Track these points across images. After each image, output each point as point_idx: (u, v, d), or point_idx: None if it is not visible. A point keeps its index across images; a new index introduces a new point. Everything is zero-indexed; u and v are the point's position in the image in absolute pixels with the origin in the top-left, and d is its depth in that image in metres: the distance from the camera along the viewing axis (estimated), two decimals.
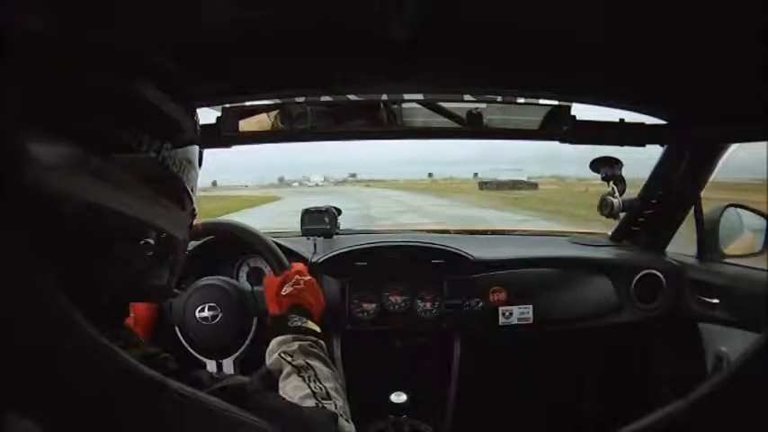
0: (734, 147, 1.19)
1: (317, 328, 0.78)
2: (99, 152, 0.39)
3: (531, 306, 1.31)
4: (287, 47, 0.81)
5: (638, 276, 1.34)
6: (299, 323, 0.76)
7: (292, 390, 0.62)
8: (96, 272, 0.41)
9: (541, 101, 1.11)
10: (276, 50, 0.83)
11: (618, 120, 1.14)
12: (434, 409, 1.26)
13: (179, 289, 1.07)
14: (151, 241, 0.44)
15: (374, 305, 1.31)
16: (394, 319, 1.31)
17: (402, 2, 0.64)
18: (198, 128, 0.51)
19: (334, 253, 1.34)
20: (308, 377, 0.63)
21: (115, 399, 0.32)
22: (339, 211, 1.47)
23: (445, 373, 1.29)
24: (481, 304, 1.30)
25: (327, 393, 0.60)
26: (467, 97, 1.11)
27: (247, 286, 1.07)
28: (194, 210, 0.51)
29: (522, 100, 1.13)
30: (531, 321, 1.31)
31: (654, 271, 1.33)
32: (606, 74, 0.92)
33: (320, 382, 0.62)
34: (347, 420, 0.58)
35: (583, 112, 1.11)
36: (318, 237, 1.41)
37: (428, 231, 1.77)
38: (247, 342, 1.00)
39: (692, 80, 0.90)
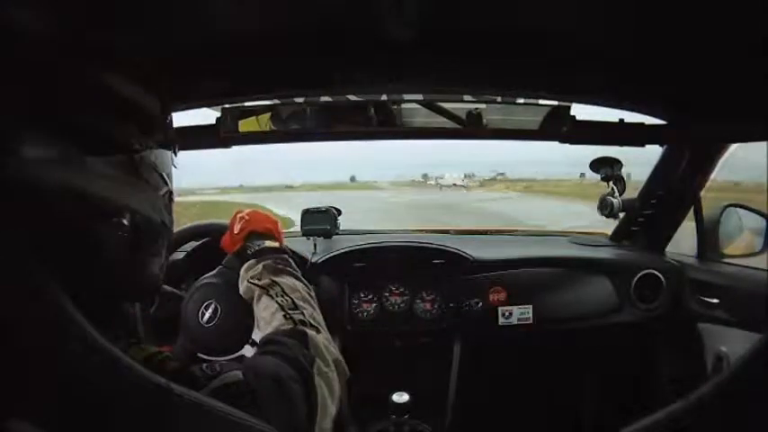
0: (734, 147, 1.19)
1: (276, 244, 0.78)
2: (80, 146, 0.39)
3: (530, 306, 1.31)
4: (287, 47, 0.81)
5: (638, 276, 1.34)
6: (255, 247, 0.77)
7: (263, 310, 0.64)
8: (79, 264, 0.40)
9: (541, 101, 1.11)
10: (276, 50, 0.83)
11: (618, 120, 1.14)
12: (434, 409, 1.26)
13: (179, 289, 1.07)
14: (124, 221, 0.42)
15: (374, 305, 1.31)
16: (394, 320, 1.31)
17: (402, 2, 0.65)
18: (172, 124, 0.51)
19: (334, 253, 1.34)
20: (276, 293, 0.64)
21: (117, 402, 0.32)
22: (339, 212, 1.47)
23: (445, 373, 1.29)
24: (481, 304, 1.30)
25: (294, 303, 0.62)
26: (467, 97, 1.11)
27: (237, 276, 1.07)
28: (170, 192, 0.51)
29: (521, 100, 1.12)
30: (530, 321, 1.31)
31: (654, 271, 1.33)
32: (606, 74, 0.92)
33: (287, 295, 0.63)
34: (317, 330, 0.59)
35: (583, 112, 1.11)
36: (318, 237, 1.41)
37: (428, 232, 1.77)
38: (256, 328, 1.01)
39: (691, 80, 0.90)
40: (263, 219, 0.85)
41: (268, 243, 0.78)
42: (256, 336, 1.03)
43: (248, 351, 1.02)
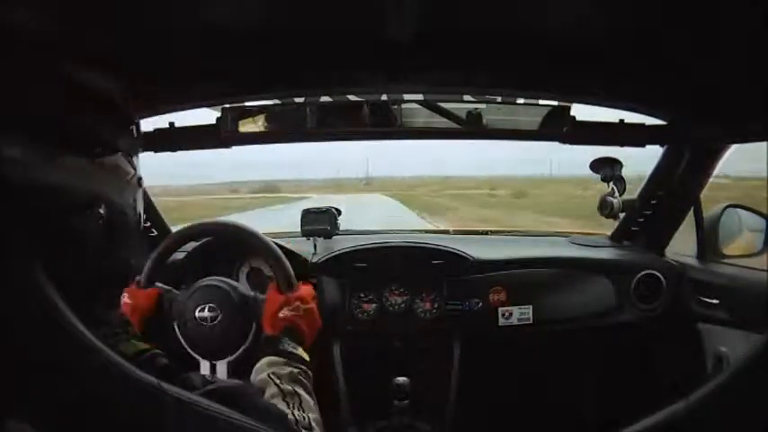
0: (734, 147, 1.19)
1: (307, 357, 0.77)
2: (58, 145, 0.39)
3: (530, 306, 1.31)
4: (287, 47, 0.82)
5: (638, 277, 1.34)
6: (290, 348, 0.76)
7: None
8: (62, 261, 0.40)
9: (541, 101, 1.11)
10: (276, 50, 0.83)
11: (618, 120, 1.14)
12: (434, 409, 1.26)
13: (178, 289, 1.07)
14: (101, 210, 0.42)
15: (374, 306, 1.31)
16: (394, 320, 1.31)
17: (402, 2, 0.65)
18: (138, 112, 0.51)
19: (334, 253, 1.34)
20: (293, 404, 0.63)
21: (110, 402, 0.32)
22: (339, 212, 1.47)
23: (445, 374, 1.29)
24: (481, 305, 1.30)
25: (309, 424, 0.61)
26: (466, 97, 1.11)
27: (249, 290, 1.07)
28: (140, 179, 0.51)
29: (521, 100, 1.13)
30: (530, 322, 1.31)
31: (654, 271, 1.33)
32: (606, 74, 0.92)
33: (303, 411, 0.62)
34: None
35: (583, 112, 1.11)
36: (318, 237, 1.41)
37: (427, 232, 1.77)
38: (245, 346, 1.00)
39: (692, 80, 0.91)
40: (309, 324, 0.84)
41: (301, 352, 0.77)
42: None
43: (221, 366, 1.01)
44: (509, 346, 1.40)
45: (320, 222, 1.42)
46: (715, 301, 1.21)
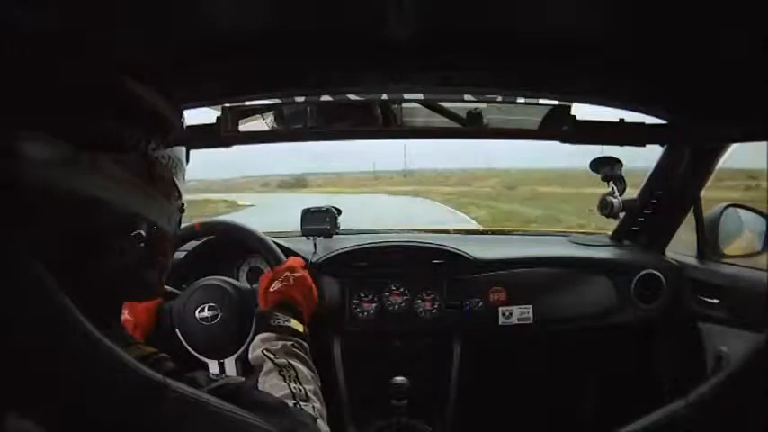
0: (734, 147, 1.19)
1: (300, 328, 0.76)
2: (89, 147, 0.39)
3: (530, 306, 1.31)
4: (287, 47, 0.82)
5: (638, 276, 1.34)
6: (281, 322, 0.75)
7: (271, 387, 0.62)
8: (88, 267, 0.41)
9: (541, 101, 1.11)
10: (276, 50, 0.83)
11: (618, 120, 1.14)
12: (434, 409, 1.26)
13: (179, 289, 1.07)
14: (143, 233, 0.43)
15: (374, 305, 1.31)
16: (394, 320, 1.31)
17: (402, 2, 0.65)
18: (185, 126, 0.52)
19: (335, 253, 1.34)
20: (289, 377, 0.63)
21: (116, 399, 0.32)
22: (339, 211, 1.47)
23: (445, 373, 1.29)
24: (481, 304, 1.30)
25: (306, 395, 0.61)
26: (467, 97, 1.11)
27: (247, 285, 1.07)
28: (182, 204, 0.52)
29: (522, 100, 1.12)
30: (530, 321, 1.31)
31: (654, 271, 1.33)
32: (606, 74, 0.92)
33: (300, 384, 0.62)
34: (324, 423, 0.59)
35: (583, 111, 1.11)
36: (318, 237, 1.41)
37: (428, 231, 1.77)
38: (248, 341, 1.00)
39: (692, 80, 0.91)
40: (302, 293, 0.83)
41: (293, 323, 0.75)
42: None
43: (230, 364, 1.01)
44: (509, 346, 1.40)
45: (320, 222, 1.42)
46: (715, 301, 1.21)
